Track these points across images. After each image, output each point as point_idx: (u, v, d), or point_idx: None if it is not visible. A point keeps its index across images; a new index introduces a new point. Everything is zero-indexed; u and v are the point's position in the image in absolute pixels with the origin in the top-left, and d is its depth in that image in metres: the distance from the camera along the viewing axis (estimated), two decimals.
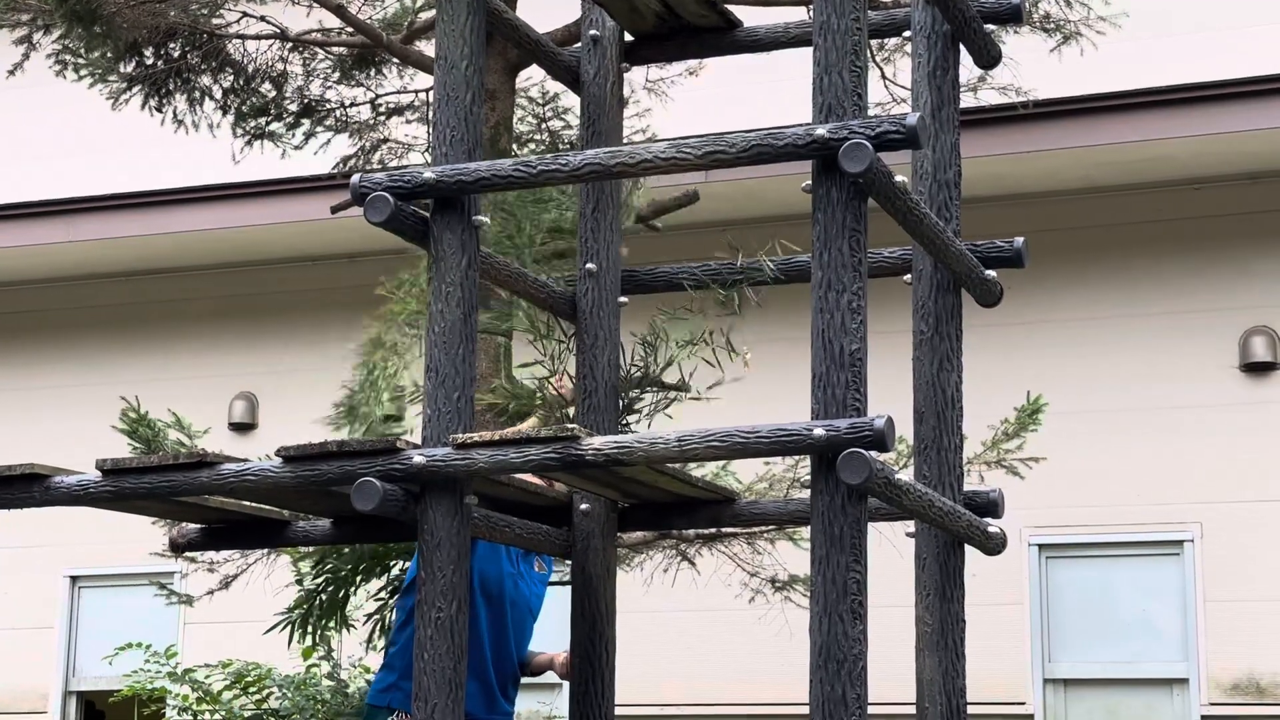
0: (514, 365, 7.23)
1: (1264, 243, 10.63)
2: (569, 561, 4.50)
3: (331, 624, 6.96)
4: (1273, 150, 10.35)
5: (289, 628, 6.98)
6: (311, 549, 6.87)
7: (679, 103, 9.26)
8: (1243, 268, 10.66)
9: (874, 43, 8.36)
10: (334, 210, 8.45)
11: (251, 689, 8.18)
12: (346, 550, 6.70)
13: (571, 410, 4.59)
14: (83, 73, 8.61)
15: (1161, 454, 10.57)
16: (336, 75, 8.78)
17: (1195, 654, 10.32)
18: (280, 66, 8.76)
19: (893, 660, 7.10)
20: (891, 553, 6.42)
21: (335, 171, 9.22)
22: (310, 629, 6.90)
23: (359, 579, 6.79)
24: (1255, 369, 10.53)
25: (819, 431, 3.45)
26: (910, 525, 4.25)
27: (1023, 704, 10.54)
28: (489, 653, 4.65)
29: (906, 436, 4.59)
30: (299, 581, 7.18)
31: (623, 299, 4.53)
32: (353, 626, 7.16)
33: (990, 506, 4.30)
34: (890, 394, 5.26)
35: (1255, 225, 10.67)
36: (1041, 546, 10.71)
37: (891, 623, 7.50)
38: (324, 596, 6.86)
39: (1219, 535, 10.40)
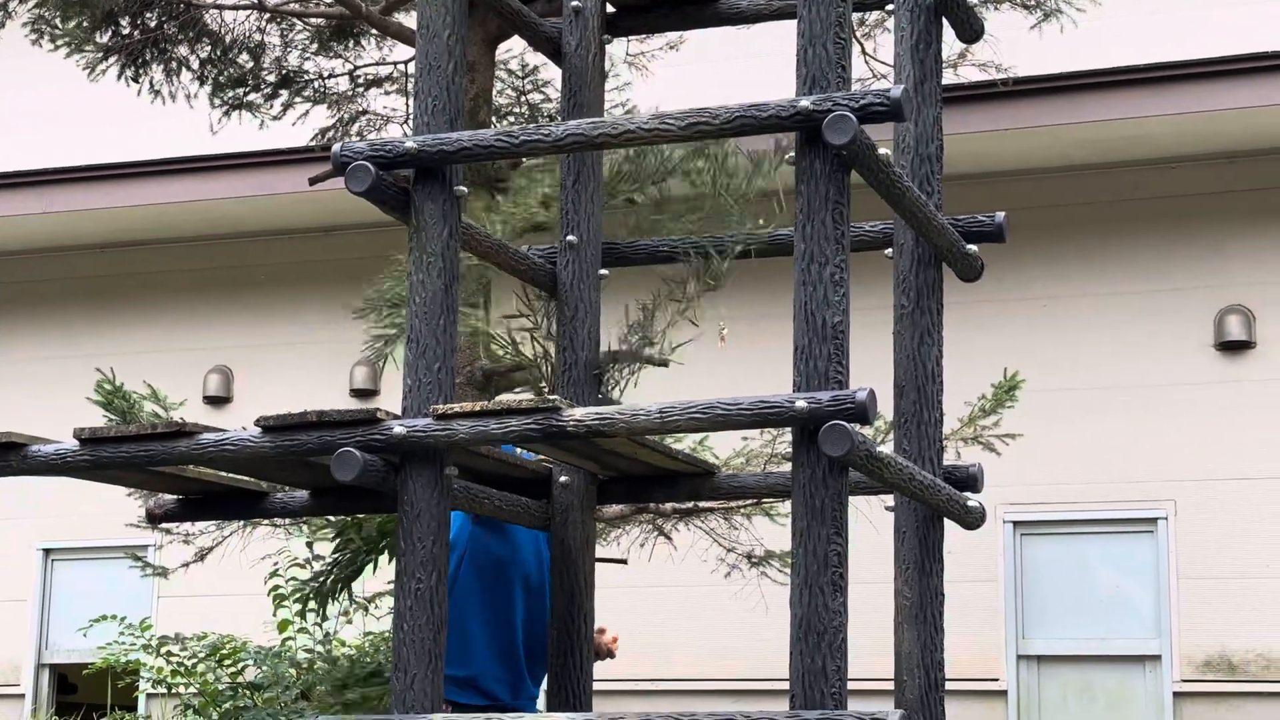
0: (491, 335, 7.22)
1: (1240, 222, 10.67)
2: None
3: (340, 599, 6.98)
4: (1249, 129, 10.38)
5: (302, 602, 7.00)
6: (329, 524, 6.90)
7: (659, 78, 9.25)
8: (1219, 247, 10.70)
9: (854, 17, 8.35)
10: (312, 182, 8.42)
11: (226, 661, 8.16)
12: (365, 523, 6.71)
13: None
14: (59, 42, 8.56)
15: (1136, 432, 10.61)
16: (315, 46, 8.75)
17: (1168, 631, 10.37)
18: (258, 37, 8.72)
19: (867, 635, 7.11)
20: (867, 528, 6.42)
21: (313, 143, 9.18)
22: (321, 603, 6.92)
23: (379, 556, 6.78)
24: (1230, 348, 10.57)
25: (801, 404, 3.45)
26: (889, 499, 4.25)
27: (996, 680, 10.58)
28: (521, 638, 4.65)
29: (885, 413, 4.59)
30: (314, 559, 7.19)
31: (603, 271, 4.52)
32: (358, 602, 7.20)
33: (970, 481, 4.31)
34: (869, 370, 5.26)
35: (1231, 204, 10.71)
36: (1016, 523, 10.74)
37: (867, 598, 7.51)
38: (337, 571, 6.86)
39: (1193, 513, 10.45)
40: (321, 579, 6.91)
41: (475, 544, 4.61)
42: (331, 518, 6.90)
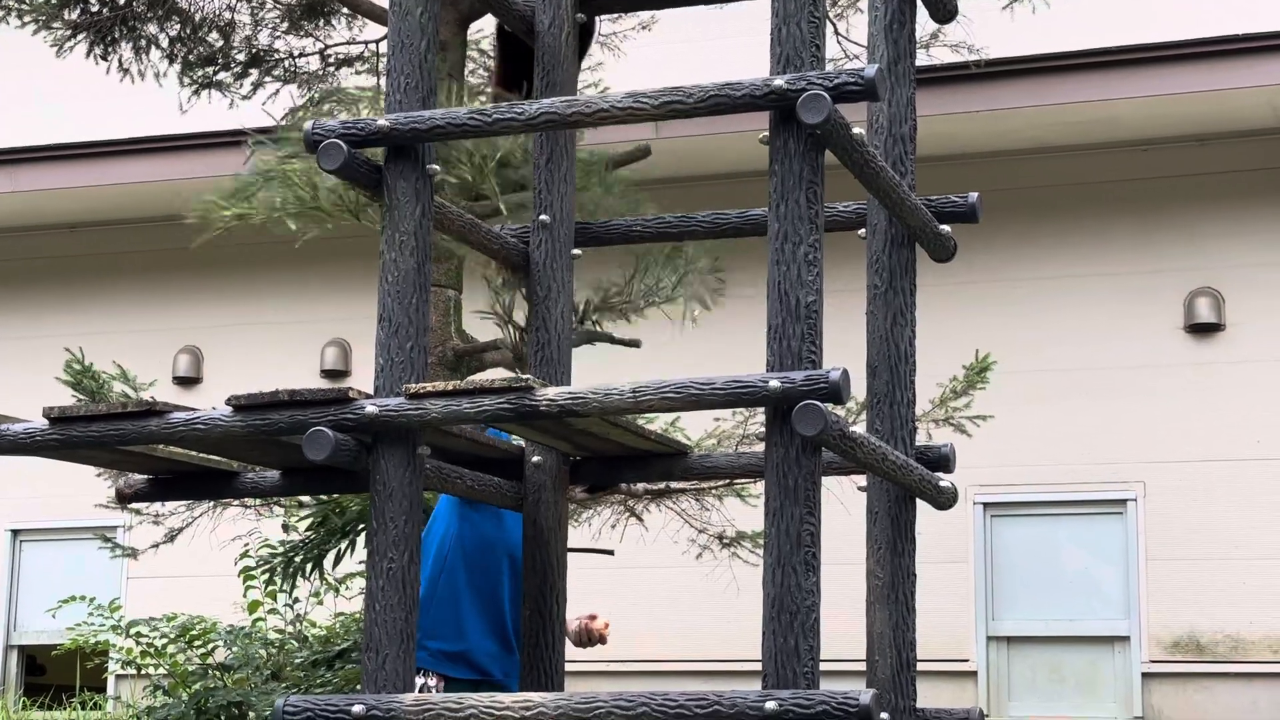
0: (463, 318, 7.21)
1: (1211, 205, 10.70)
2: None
3: (310, 578, 7.00)
4: (1221, 112, 10.41)
5: (270, 572, 7.00)
6: (313, 505, 6.90)
7: (631, 58, 9.23)
8: (1189, 229, 10.73)
9: None
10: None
11: (196, 642, 8.13)
12: (348, 505, 6.71)
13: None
14: (26, 19, 8.49)
15: (1106, 414, 10.65)
16: (285, 25, 8.69)
17: (1137, 612, 10.42)
18: (228, 15, 8.66)
19: (839, 616, 7.12)
20: (838, 509, 6.43)
21: (283, 123, 9.12)
22: (290, 577, 6.93)
23: (356, 537, 6.78)
24: (1200, 330, 10.61)
25: (774, 383, 3.44)
26: (861, 480, 4.25)
27: (966, 661, 10.62)
28: (509, 613, 4.72)
29: (858, 394, 4.59)
30: (286, 543, 7.19)
31: (576, 251, 4.50)
32: (328, 582, 7.20)
33: (942, 461, 4.30)
34: (842, 350, 5.26)
35: (1202, 187, 10.74)
36: (986, 505, 10.77)
37: (838, 579, 7.53)
38: (306, 550, 6.86)
39: (1162, 495, 10.49)
40: (290, 554, 6.91)
41: (465, 523, 4.65)
42: (313, 500, 6.91)
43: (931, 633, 9.70)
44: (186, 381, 12.35)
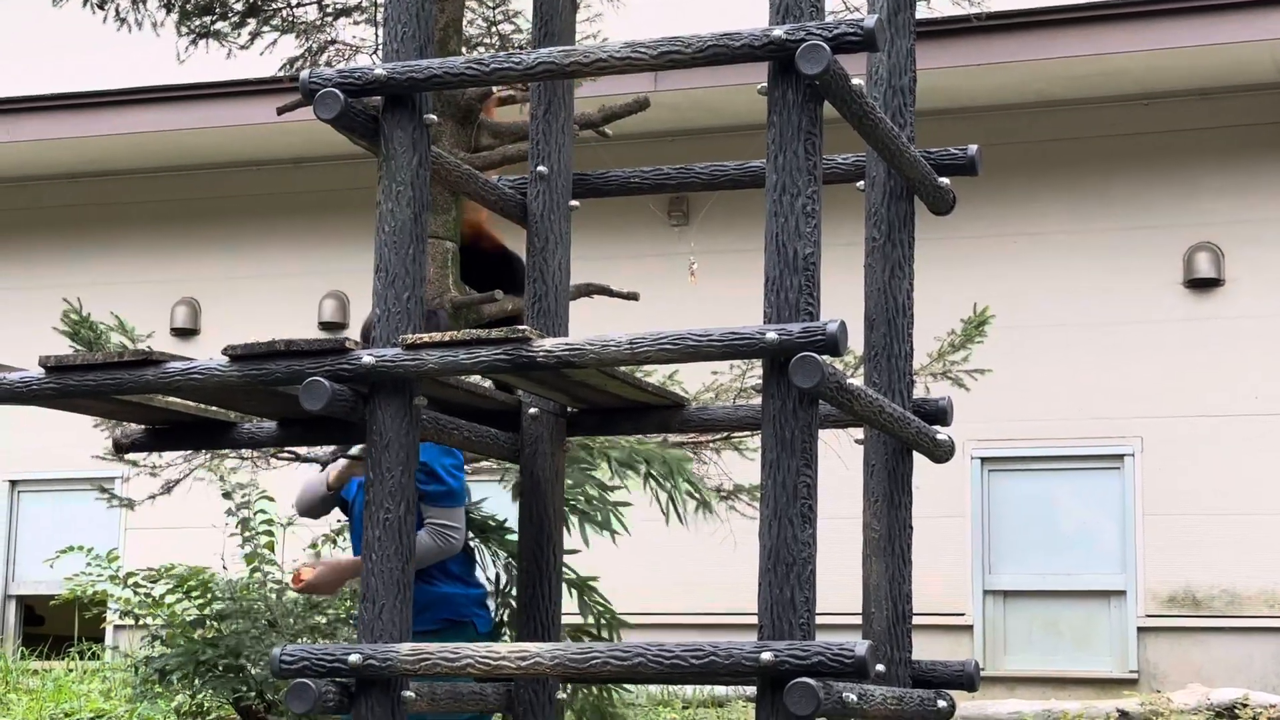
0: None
1: (1212, 159, 10.67)
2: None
3: None
4: (1224, 67, 10.37)
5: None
6: None
7: (630, 9, 9.18)
8: (1190, 184, 10.71)
9: None
10: (281, 111, 8.33)
11: (194, 593, 8.14)
12: None
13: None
14: None
15: (1104, 369, 10.65)
16: None
17: (1133, 566, 10.44)
18: None
19: (835, 570, 7.14)
20: (835, 464, 6.43)
21: (281, 74, 9.08)
22: None
23: None
24: (1199, 285, 10.60)
25: (772, 335, 3.44)
26: (858, 433, 4.25)
27: (962, 614, 10.65)
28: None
29: (855, 347, 4.59)
30: None
31: (574, 202, 4.49)
32: (326, 535, 7.28)
33: (939, 414, 4.30)
34: (840, 303, 5.25)
35: (1204, 142, 10.71)
36: (984, 459, 10.78)
37: (834, 533, 7.54)
38: None
39: (1159, 450, 10.50)
40: None
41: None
42: None
43: (928, 586, 9.72)
44: (184, 333, 12.34)
